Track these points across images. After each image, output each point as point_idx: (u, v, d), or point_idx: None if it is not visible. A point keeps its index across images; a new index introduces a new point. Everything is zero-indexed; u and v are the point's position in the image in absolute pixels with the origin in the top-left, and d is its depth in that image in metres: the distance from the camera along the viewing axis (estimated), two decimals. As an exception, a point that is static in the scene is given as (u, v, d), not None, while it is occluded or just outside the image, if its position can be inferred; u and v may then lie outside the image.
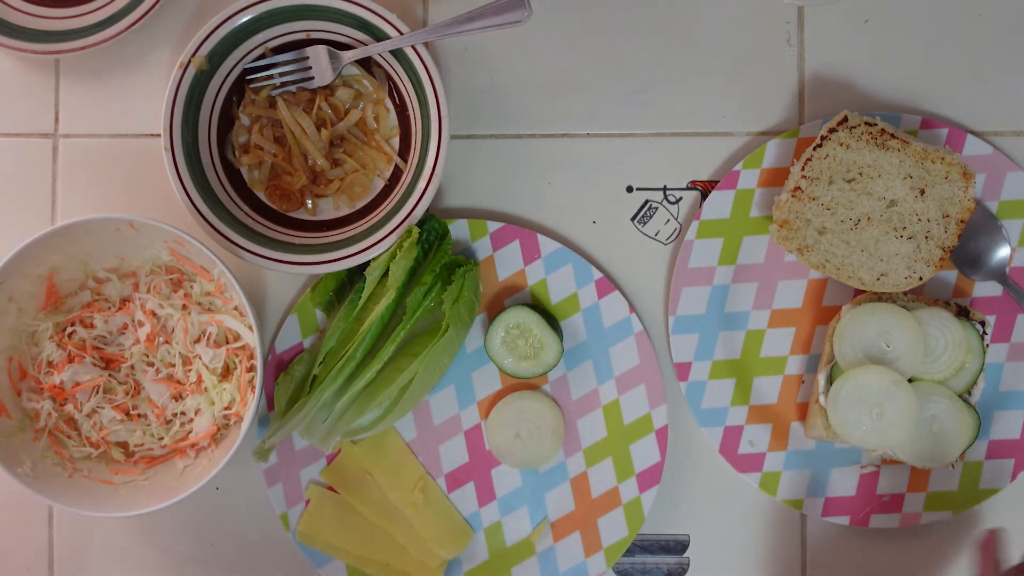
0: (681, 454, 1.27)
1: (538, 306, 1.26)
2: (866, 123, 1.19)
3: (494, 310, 1.26)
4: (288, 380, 1.24)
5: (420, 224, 1.22)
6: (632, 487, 1.24)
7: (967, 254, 1.24)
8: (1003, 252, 1.23)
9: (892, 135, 1.19)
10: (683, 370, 1.25)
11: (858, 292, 1.25)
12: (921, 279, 1.20)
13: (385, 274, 1.22)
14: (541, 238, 1.25)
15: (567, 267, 1.25)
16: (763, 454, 1.25)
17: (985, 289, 1.25)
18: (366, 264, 1.22)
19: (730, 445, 1.24)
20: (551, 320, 1.24)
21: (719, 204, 1.25)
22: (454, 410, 1.27)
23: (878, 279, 1.20)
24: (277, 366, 1.25)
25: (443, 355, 1.22)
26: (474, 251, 1.26)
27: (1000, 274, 1.23)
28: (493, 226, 1.25)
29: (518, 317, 1.23)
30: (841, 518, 1.24)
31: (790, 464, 1.24)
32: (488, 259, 1.26)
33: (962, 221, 1.19)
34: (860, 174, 1.19)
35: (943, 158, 1.18)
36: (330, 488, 1.26)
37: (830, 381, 1.19)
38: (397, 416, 1.23)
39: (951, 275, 1.25)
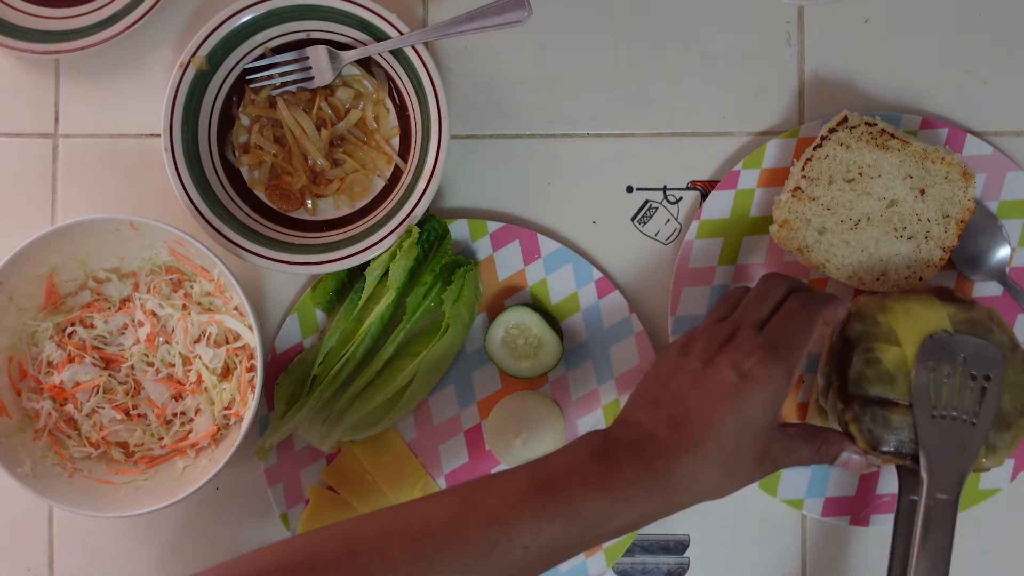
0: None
1: (538, 306, 1.26)
2: (866, 123, 1.19)
3: (494, 310, 1.26)
4: (288, 380, 1.24)
5: (420, 224, 1.22)
6: (632, 487, 1.24)
7: (967, 254, 1.23)
8: (1003, 252, 1.23)
9: (892, 135, 1.19)
10: (683, 370, 1.25)
11: (858, 292, 1.25)
12: (921, 279, 1.20)
13: (385, 274, 1.22)
14: (541, 238, 1.25)
15: (567, 267, 1.25)
16: (763, 454, 1.25)
17: (985, 289, 1.25)
18: (366, 264, 1.22)
19: (730, 445, 1.24)
20: (551, 320, 1.24)
21: (719, 204, 1.25)
22: (454, 410, 1.26)
23: (878, 279, 1.20)
24: (277, 366, 1.25)
25: (443, 355, 1.22)
26: (474, 251, 1.26)
27: (1000, 274, 1.23)
28: (493, 226, 1.25)
29: (518, 317, 1.23)
30: (841, 518, 1.24)
31: (790, 464, 1.25)
32: (488, 259, 1.26)
33: (962, 221, 1.19)
34: (860, 174, 1.19)
35: (943, 158, 1.18)
36: (330, 488, 1.26)
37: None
38: (397, 416, 1.23)
39: (951, 275, 1.25)
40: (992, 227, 1.24)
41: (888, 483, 1.24)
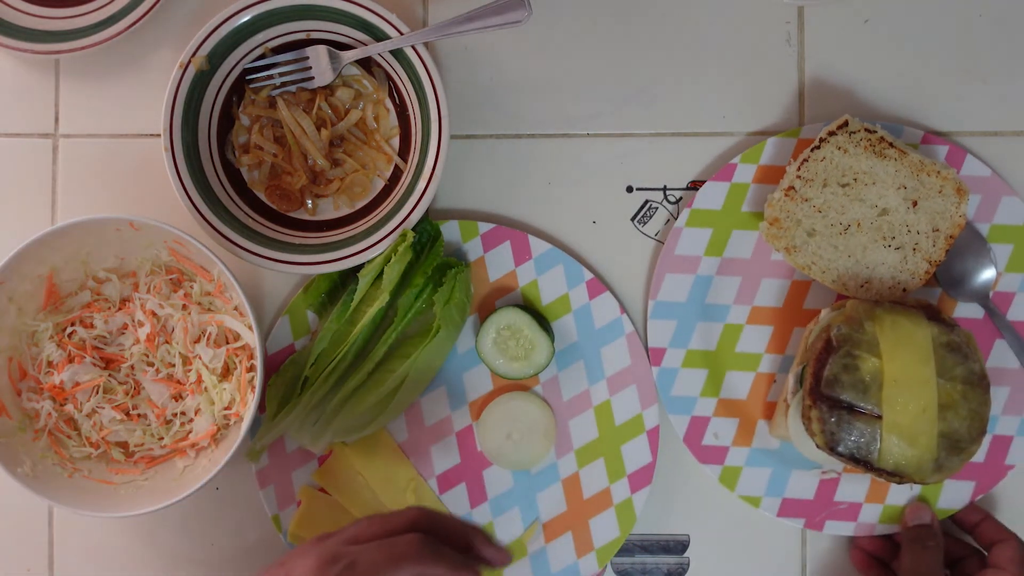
0: (673, 454, 1.28)
1: (529, 307, 1.27)
2: (866, 129, 1.19)
3: (485, 311, 1.27)
4: (279, 381, 1.25)
5: (414, 226, 1.23)
6: (623, 488, 1.26)
7: (952, 273, 1.24)
8: (988, 274, 1.24)
9: (891, 144, 1.19)
10: (657, 355, 1.26)
11: (840, 297, 1.25)
12: (905, 290, 1.21)
13: (378, 277, 1.23)
14: (532, 239, 1.26)
15: (558, 268, 1.26)
16: (726, 448, 1.26)
17: (966, 311, 1.25)
18: (359, 266, 1.23)
19: (695, 435, 1.26)
20: (542, 321, 1.25)
21: (712, 195, 1.26)
22: (445, 411, 1.28)
23: (862, 286, 1.21)
24: (269, 367, 1.26)
25: (434, 356, 1.24)
26: (465, 252, 1.27)
27: (983, 297, 1.24)
28: (484, 227, 1.26)
29: (509, 318, 1.24)
30: (796, 520, 1.25)
31: (752, 461, 1.26)
32: (479, 260, 1.27)
33: (951, 236, 1.19)
34: (855, 180, 1.19)
35: (939, 172, 1.18)
36: (322, 490, 1.27)
37: (800, 382, 1.19)
38: (388, 418, 1.24)
39: (934, 292, 1.26)
40: (980, 249, 1.24)
41: (846, 491, 1.25)
